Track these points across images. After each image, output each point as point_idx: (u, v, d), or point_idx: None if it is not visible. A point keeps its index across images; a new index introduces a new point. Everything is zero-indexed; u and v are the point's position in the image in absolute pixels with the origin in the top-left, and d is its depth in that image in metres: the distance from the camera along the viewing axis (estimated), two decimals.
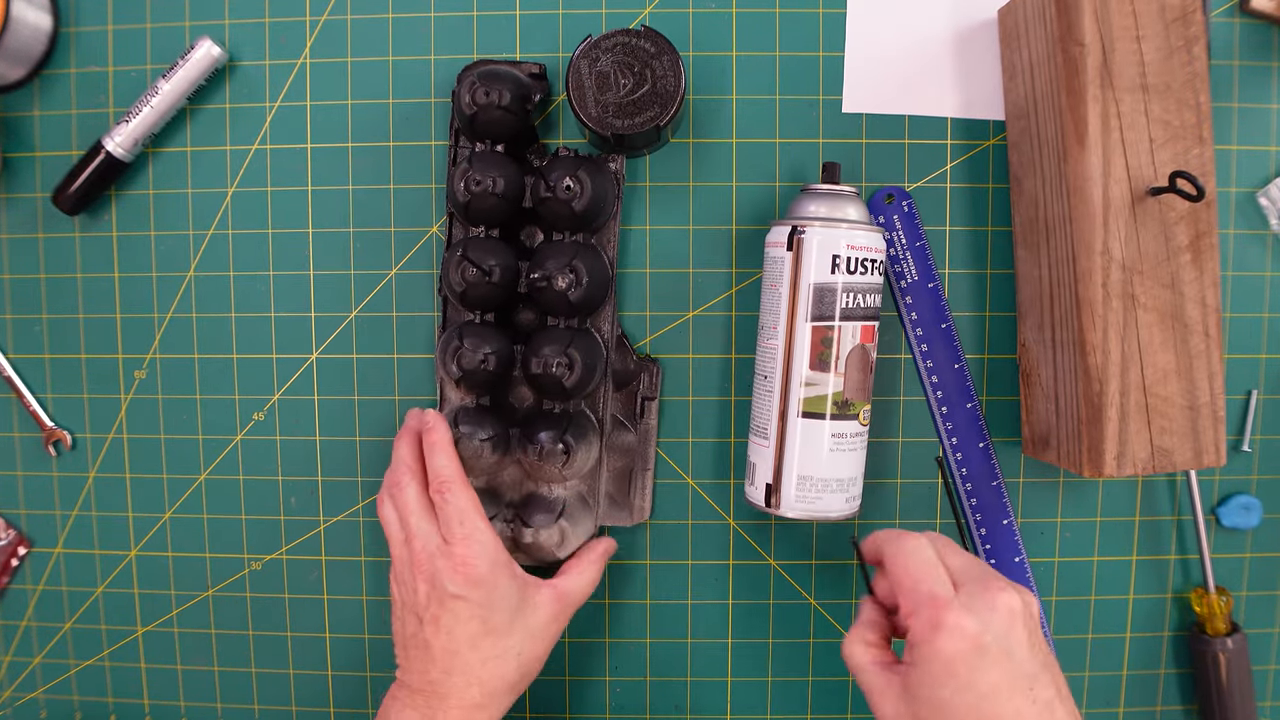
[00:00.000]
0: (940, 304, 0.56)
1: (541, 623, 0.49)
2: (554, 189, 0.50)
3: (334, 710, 0.59)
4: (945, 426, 0.56)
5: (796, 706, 0.58)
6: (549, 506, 0.53)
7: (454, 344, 0.51)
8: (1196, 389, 0.49)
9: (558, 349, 0.51)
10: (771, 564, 0.57)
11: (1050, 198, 0.50)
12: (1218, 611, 0.55)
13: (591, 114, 0.50)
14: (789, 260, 0.49)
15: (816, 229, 0.49)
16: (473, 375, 0.51)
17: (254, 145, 0.57)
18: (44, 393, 0.59)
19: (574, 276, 0.51)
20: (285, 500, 0.58)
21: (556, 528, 0.52)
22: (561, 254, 0.51)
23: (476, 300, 0.52)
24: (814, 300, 0.49)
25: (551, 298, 0.51)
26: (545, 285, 0.51)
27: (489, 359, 0.51)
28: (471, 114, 0.51)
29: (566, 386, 0.51)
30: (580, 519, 0.54)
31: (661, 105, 0.50)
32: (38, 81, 0.57)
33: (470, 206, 0.51)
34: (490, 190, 0.50)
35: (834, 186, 0.50)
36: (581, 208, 0.51)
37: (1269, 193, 0.55)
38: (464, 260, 0.50)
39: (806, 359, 0.49)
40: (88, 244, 0.58)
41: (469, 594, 0.46)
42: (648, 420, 0.56)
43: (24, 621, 0.59)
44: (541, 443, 0.51)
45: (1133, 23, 0.47)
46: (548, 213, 0.51)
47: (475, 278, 0.50)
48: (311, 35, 0.56)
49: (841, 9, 0.55)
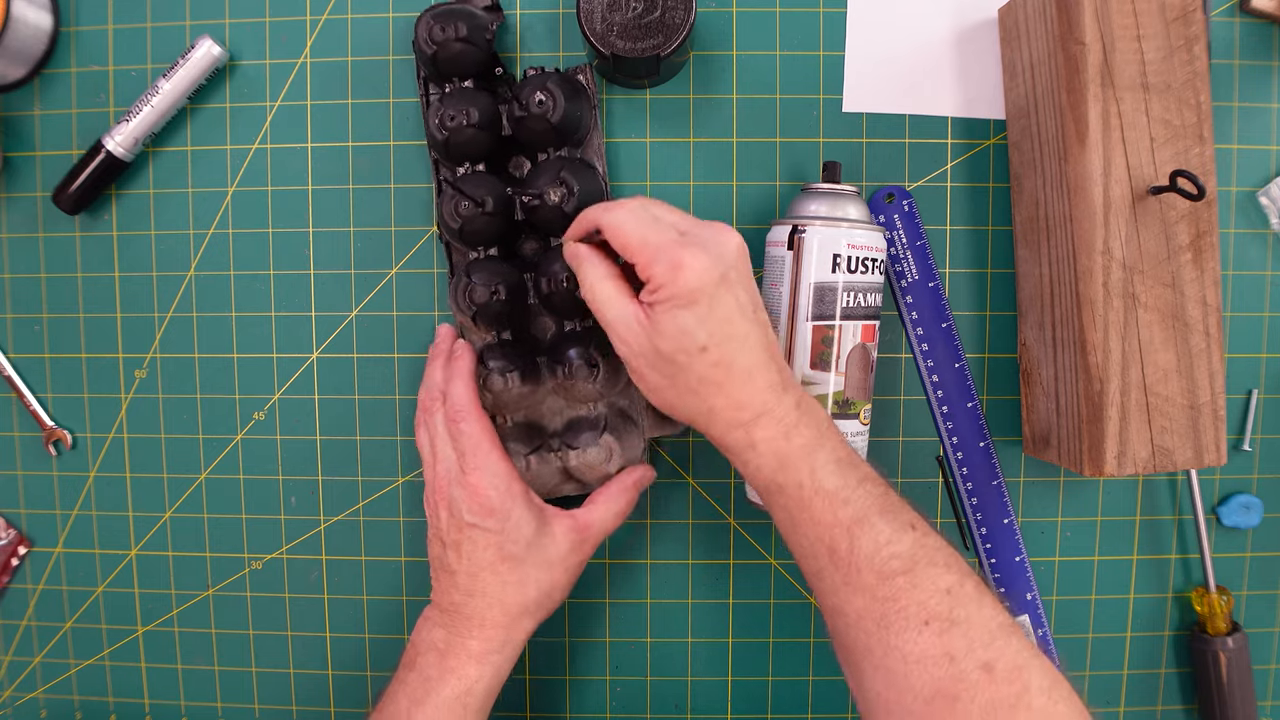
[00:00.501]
0: (941, 303, 0.56)
1: (561, 553, 0.49)
2: (527, 106, 0.50)
3: (334, 710, 0.59)
4: (946, 426, 0.56)
5: (797, 706, 0.58)
6: (591, 425, 0.53)
7: (463, 281, 0.51)
8: (1197, 388, 0.49)
9: (562, 263, 0.50)
10: (771, 564, 0.57)
11: (1051, 197, 0.50)
12: (1218, 611, 0.55)
13: (596, 29, 0.50)
14: (789, 259, 0.49)
15: (817, 228, 0.49)
16: (487, 309, 0.51)
17: (254, 145, 0.57)
18: (44, 392, 0.59)
19: (565, 189, 0.50)
20: (285, 500, 0.58)
21: (603, 444, 0.52)
22: (549, 169, 0.51)
23: (475, 235, 0.51)
24: (814, 299, 0.49)
25: (547, 214, 0.51)
26: (539, 203, 0.50)
27: (499, 289, 0.50)
28: (432, 53, 0.51)
29: (578, 298, 0.50)
30: (626, 434, 0.54)
31: (666, 35, 0.50)
32: (38, 81, 0.57)
33: (450, 143, 0.51)
34: (466, 123, 0.50)
35: (835, 185, 0.50)
36: (557, 119, 0.50)
37: (1269, 192, 0.55)
38: (455, 195, 0.50)
39: (807, 358, 0.49)
40: (88, 243, 0.58)
41: (482, 522, 0.48)
42: None
43: (24, 621, 0.59)
44: (569, 359, 0.51)
45: (1133, 22, 0.47)
46: (526, 133, 0.51)
47: (469, 210, 0.50)
48: (311, 35, 0.56)
49: (842, 8, 0.55)
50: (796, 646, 0.58)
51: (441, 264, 0.57)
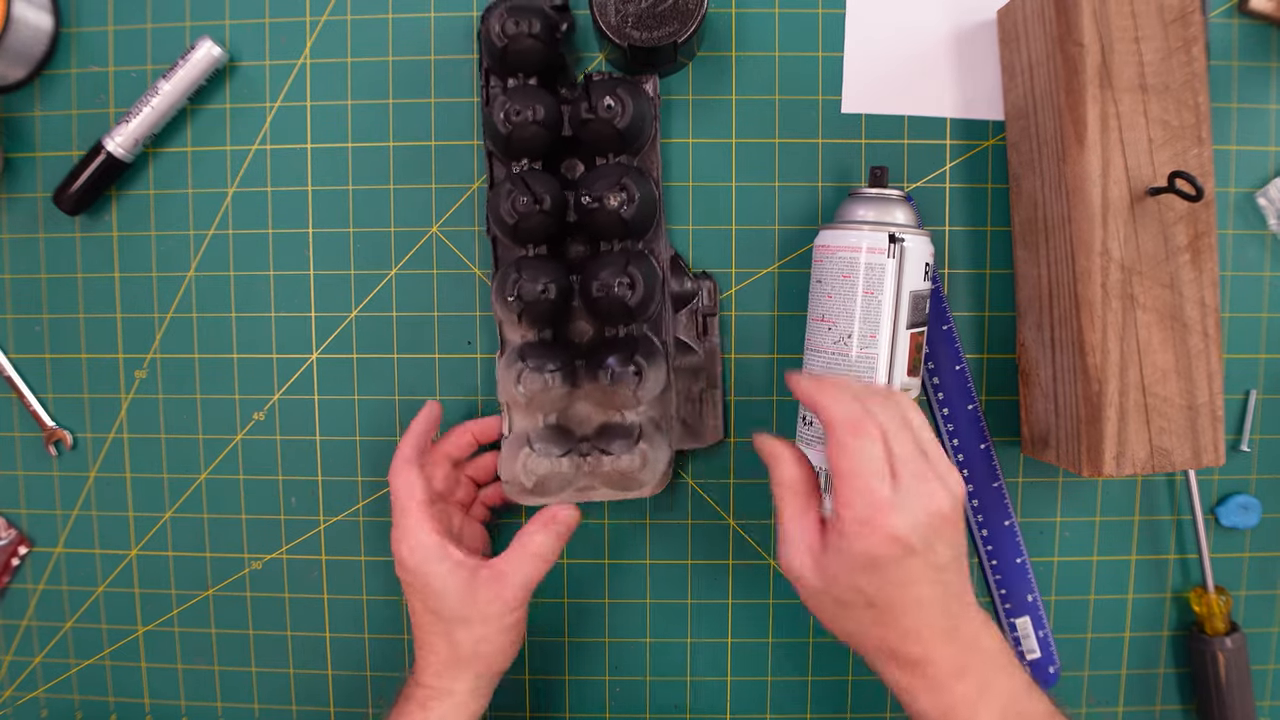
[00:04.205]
0: (941, 306, 0.56)
1: (484, 609, 0.48)
2: (595, 108, 0.50)
3: (334, 710, 0.59)
4: (947, 428, 0.56)
5: (796, 706, 0.58)
6: (625, 432, 0.53)
7: (512, 276, 0.51)
8: (1195, 389, 0.49)
9: (616, 269, 0.50)
10: (771, 564, 0.57)
11: (1049, 198, 0.50)
12: (1217, 611, 0.55)
13: (611, 22, 0.50)
14: (892, 268, 0.49)
15: (913, 234, 0.49)
16: (534, 307, 0.51)
17: (254, 145, 0.57)
18: (44, 392, 0.59)
19: (625, 194, 0.50)
20: (285, 500, 0.58)
21: (637, 452, 0.52)
22: (610, 174, 0.51)
23: (529, 232, 0.51)
24: (911, 308, 0.49)
25: (604, 219, 0.50)
26: (597, 206, 0.50)
27: (549, 288, 0.50)
28: (503, 46, 0.51)
29: (630, 305, 0.50)
30: (655, 439, 0.54)
31: (681, 22, 0.50)
32: (38, 82, 0.57)
33: (512, 138, 0.50)
34: (531, 119, 0.50)
35: (883, 190, 0.51)
36: (624, 125, 0.50)
37: (1267, 193, 0.55)
38: (514, 191, 0.50)
39: (905, 365, 0.50)
40: (88, 244, 0.58)
41: (403, 576, 0.49)
42: (711, 337, 0.56)
43: (24, 621, 0.59)
44: (611, 367, 0.51)
45: (1132, 23, 0.47)
46: (590, 136, 0.51)
47: (527, 207, 0.50)
48: (311, 35, 0.56)
49: (841, 9, 0.55)
50: (796, 646, 0.58)
51: (441, 265, 0.57)
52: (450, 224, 0.57)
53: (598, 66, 0.56)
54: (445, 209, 0.56)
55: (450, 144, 0.56)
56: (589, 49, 0.56)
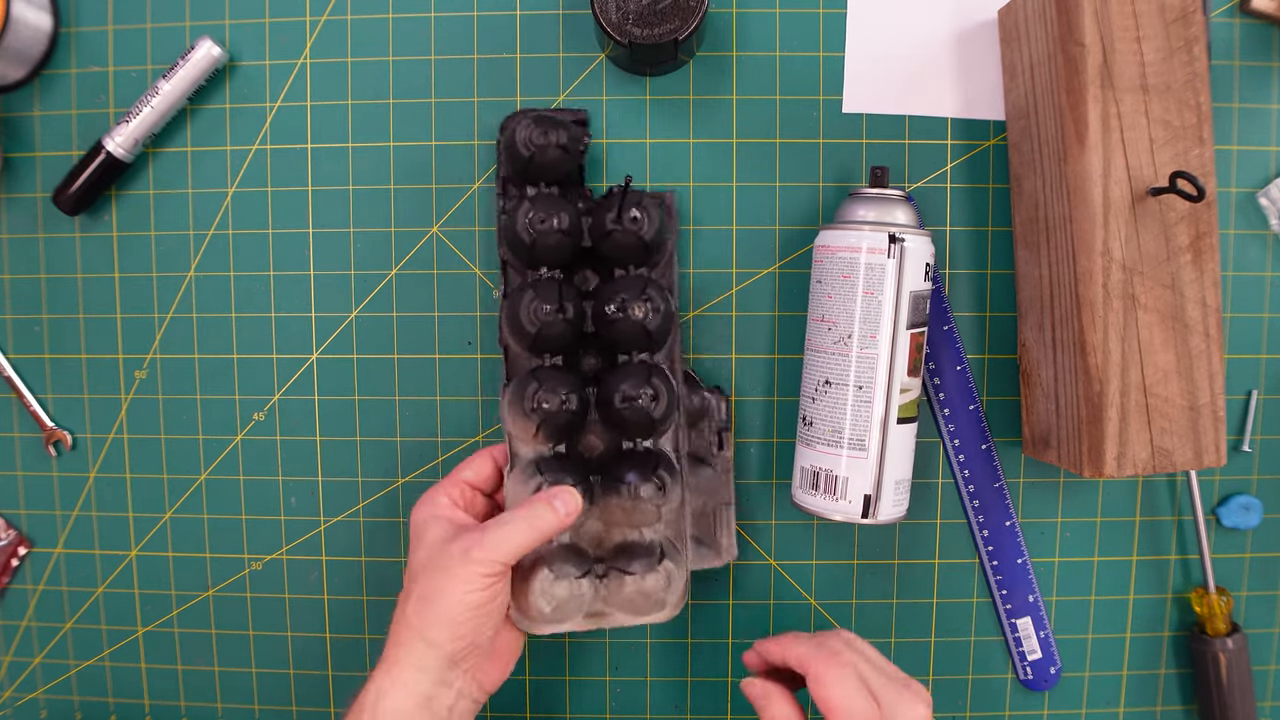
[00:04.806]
0: (943, 306, 0.56)
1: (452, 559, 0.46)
2: (621, 219, 0.49)
3: (334, 710, 0.59)
4: (948, 428, 0.56)
5: None
6: (646, 551, 0.51)
7: (532, 387, 0.49)
8: (1197, 389, 0.49)
9: (639, 380, 0.49)
10: (771, 564, 0.57)
11: (1050, 198, 0.50)
12: (1218, 611, 0.55)
13: (612, 19, 0.50)
14: (892, 268, 0.49)
15: (913, 235, 0.49)
16: (554, 418, 0.49)
17: (254, 145, 0.57)
18: (44, 393, 0.59)
19: (650, 305, 0.49)
20: (285, 500, 0.58)
21: (662, 570, 0.50)
22: (634, 284, 0.50)
23: (548, 342, 0.50)
24: (912, 308, 0.49)
25: (627, 329, 0.50)
26: (621, 316, 0.49)
27: (570, 399, 0.49)
28: (529, 155, 0.50)
29: (654, 417, 0.49)
30: (678, 563, 0.52)
31: (682, 19, 0.50)
32: (38, 81, 0.57)
33: (535, 246, 0.50)
34: (555, 228, 0.49)
35: (883, 190, 0.50)
36: (650, 237, 0.50)
37: (1269, 193, 0.55)
38: (537, 298, 0.49)
39: (905, 365, 0.49)
40: (88, 244, 0.58)
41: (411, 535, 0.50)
42: (725, 452, 0.55)
43: (24, 621, 0.59)
44: (632, 482, 0.49)
45: (1133, 23, 0.47)
46: (612, 247, 0.51)
47: (549, 316, 0.49)
48: (311, 35, 0.56)
49: (841, 9, 0.55)
50: None
51: (441, 265, 0.57)
52: (450, 224, 0.56)
53: (598, 65, 0.56)
54: (445, 209, 0.56)
55: (450, 144, 0.56)
56: (589, 48, 0.56)
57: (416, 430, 0.57)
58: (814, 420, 0.51)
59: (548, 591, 0.49)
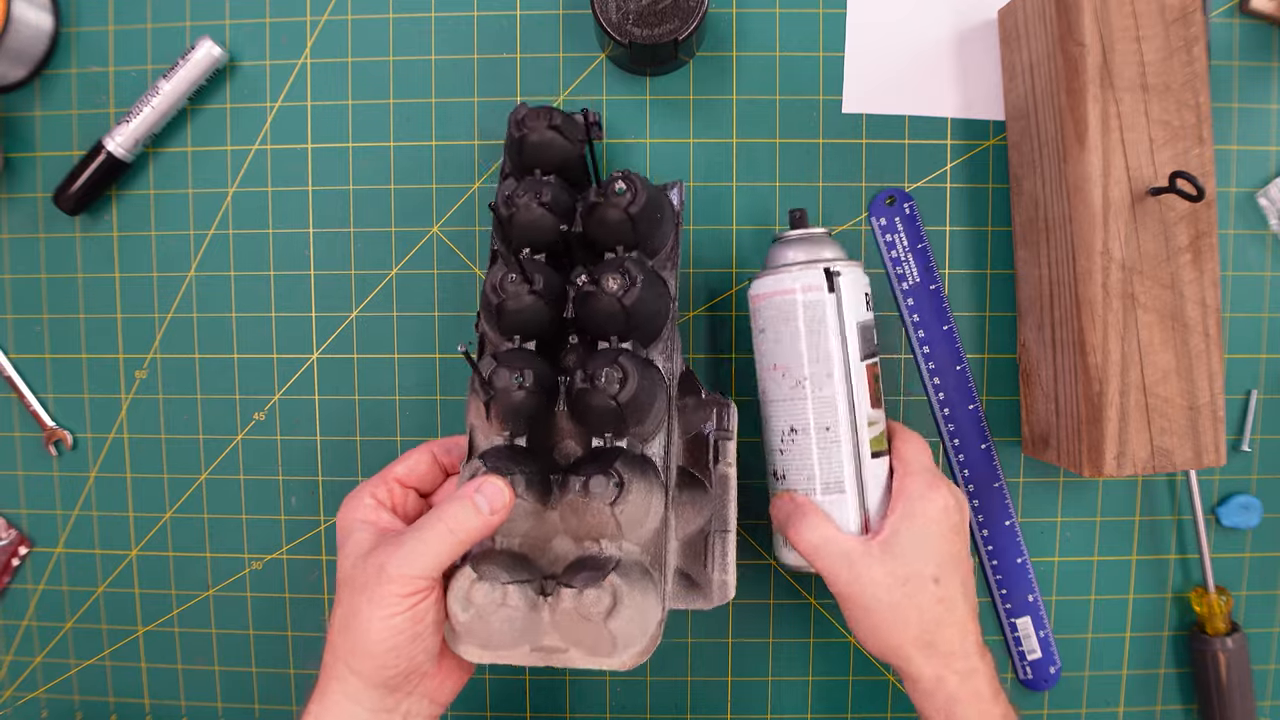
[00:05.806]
0: (942, 306, 0.56)
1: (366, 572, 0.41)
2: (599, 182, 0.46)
3: None
4: (948, 428, 0.56)
5: (796, 706, 0.58)
6: (598, 564, 0.43)
7: (489, 364, 0.44)
8: (1196, 389, 0.49)
9: (605, 360, 0.43)
10: (772, 564, 0.57)
11: (1050, 198, 0.50)
12: (1217, 611, 0.55)
13: (612, 19, 0.50)
14: (832, 302, 0.47)
15: (847, 267, 0.48)
16: (506, 397, 0.43)
17: (254, 145, 0.57)
18: (45, 393, 0.59)
19: (625, 277, 0.44)
20: (285, 500, 0.58)
21: (606, 585, 0.40)
22: (613, 262, 0.46)
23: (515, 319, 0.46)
24: (861, 339, 0.48)
25: (600, 305, 0.45)
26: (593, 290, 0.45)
27: (525, 375, 0.43)
28: (520, 135, 0.49)
29: (620, 402, 0.42)
30: (640, 586, 0.42)
31: (682, 19, 0.50)
32: (38, 81, 0.57)
33: (513, 221, 0.47)
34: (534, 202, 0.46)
35: (808, 230, 0.49)
36: (637, 211, 0.45)
37: (1269, 193, 0.55)
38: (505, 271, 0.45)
39: (867, 399, 0.48)
40: (88, 244, 0.58)
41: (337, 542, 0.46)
42: (723, 466, 0.47)
43: (25, 621, 0.59)
44: (588, 473, 0.42)
45: (1133, 23, 0.47)
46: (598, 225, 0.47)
47: (515, 286, 0.45)
48: (311, 35, 0.56)
49: (841, 9, 0.55)
50: (796, 646, 0.58)
51: (442, 265, 0.57)
52: (450, 224, 0.56)
53: (598, 65, 0.56)
54: (445, 209, 0.56)
55: (450, 144, 0.56)
56: (589, 48, 0.56)
57: (416, 430, 0.57)
58: (786, 472, 0.49)
59: (465, 595, 0.42)
